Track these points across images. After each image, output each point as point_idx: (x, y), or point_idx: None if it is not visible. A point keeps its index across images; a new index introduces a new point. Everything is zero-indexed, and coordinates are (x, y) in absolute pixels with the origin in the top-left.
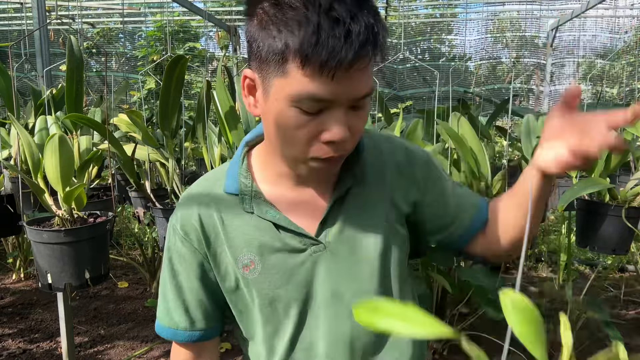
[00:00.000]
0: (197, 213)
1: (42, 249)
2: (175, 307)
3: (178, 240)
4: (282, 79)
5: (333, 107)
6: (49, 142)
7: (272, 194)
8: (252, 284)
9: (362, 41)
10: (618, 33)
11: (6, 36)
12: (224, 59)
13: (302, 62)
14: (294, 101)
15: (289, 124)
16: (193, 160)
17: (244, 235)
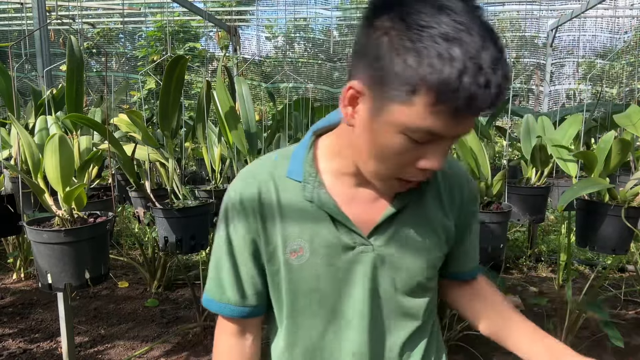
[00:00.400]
0: (257, 190)
1: (42, 249)
2: (229, 282)
3: (235, 213)
4: (403, 106)
5: (441, 140)
6: (49, 142)
7: (334, 188)
8: (295, 270)
9: (497, 93)
10: (618, 33)
11: (6, 36)
12: (224, 59)
13: (435, 101)
14: (409, 131)
15: (392, 149)
16: (193, 160)
17: (299, 221)
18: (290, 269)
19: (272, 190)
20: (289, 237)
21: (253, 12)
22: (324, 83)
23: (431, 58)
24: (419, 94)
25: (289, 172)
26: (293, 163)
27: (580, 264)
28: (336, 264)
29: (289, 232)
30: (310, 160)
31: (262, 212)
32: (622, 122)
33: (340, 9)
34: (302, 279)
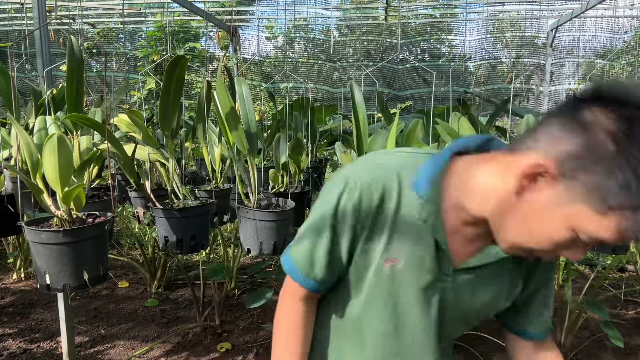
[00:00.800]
0: (381, 188)
1: (41, 250)
2: (320, 263)
3: (350, 204)
4: (595, 214)
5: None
6: (47, 142)
7: (448, 218)
8: (384, 277)
9: None
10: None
11: (6, 36)
12: (224, 59)
13: (627, 227)
14: (584, 234)
15: (552, 238)
16: (193, 160)
17: (406, 236)
18: (380, 273)
19: (395, 197)
20: (392, 246)
21: (253, 12)
22: (324, 83)
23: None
24: (617, 213)
25: (415, 185)
26: (422, 175)
27: (580, 264)
28: (421, 284)
29: (394, 241)
30: (440, 182)
31: (378, 213)
32: None
33: (340, 9)
34: (388, 286)
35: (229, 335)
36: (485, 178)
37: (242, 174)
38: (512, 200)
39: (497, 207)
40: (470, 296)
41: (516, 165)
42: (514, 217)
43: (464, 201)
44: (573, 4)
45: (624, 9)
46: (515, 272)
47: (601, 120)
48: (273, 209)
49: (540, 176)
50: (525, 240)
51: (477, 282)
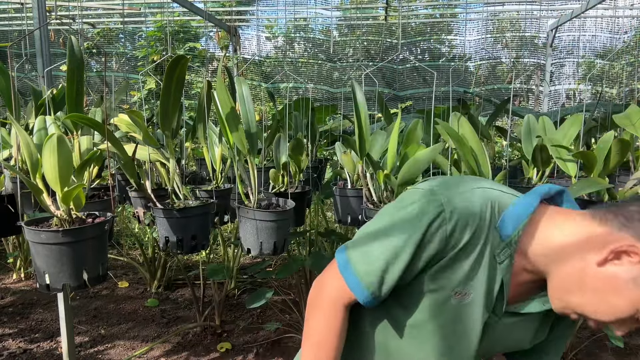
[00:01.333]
0: (475, 226)
1: (40, 250)
2: (390, 284)
3: (438, 235)
4: None
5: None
6: (47, 142)
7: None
8: (449, 306)
9: None
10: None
11: (6, 36)
12: (224, 59)
13: None
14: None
15: (617, 314)
16: (193, 160)
17: (484, 276)
18: (445, 305)
19: (483, 236)
20: (468, 280)
21: (253, 12)
22: (324, 83)
23: None
24: None
25: (504, 226)
26: (508, 217)
27: None
28: (477, 319)
29: (471, 277)
30: (523, 227)
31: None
32: (622, 122)
33: (340, 9)
34: (448, 315)
35: (229, 335)
36: (564, 236)
37: (242, 174)
38: (590, 269)
39: (570, 269)
40: (505, 338)
41: (606, 238)
42: (586, 285)
43: (530, 249)
44: (573, 4)
45: (624, 9)
46: (546, 322)
47: None
48: (273, 208)
49: (627, 255)
50: (588, 309)
51: (515, 326)
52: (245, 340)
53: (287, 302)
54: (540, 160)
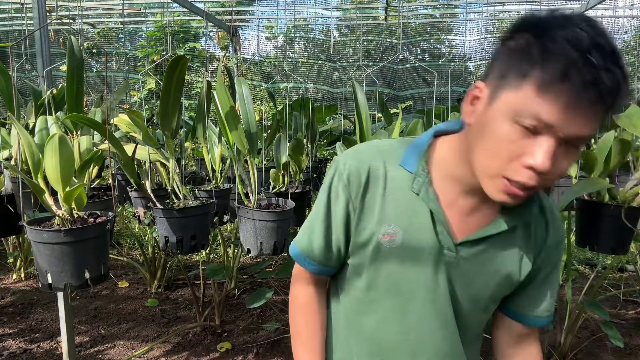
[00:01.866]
0: (366, 170)
1: (42, 249)
2: (319, 242)
3: (340, 186)
4: (514, 92)
5: (548, 134)
6: (49, 142)
7: (440, 188)
8: (384, 252)
9: (606, 91)
10: (618, 33)
11: (6, 36)
12: (224, 59)
13: (541, 85)
14: (516, 115)
15: (500, 136)
16: (193, 160)
17: (400, 209)
18: (379, 249)
19: (381, 175)
20: (386, 219)
21: (253, 12)
22: (324, 83)
23: (545, 50)
24: (529, 79)
25: (403, 161)
26: (408, 154)
27: (580, 264)
28: (422, 259)
29: (388, 215)
30: (426, 156)
31: (366, 190)
32: (622, 122)
33: (340, 9)
34: (388, 262)
35: (229, 335)
36: (457, 137)
37: (242, 174)
38: (468, 134)
39: (464, 152)
40: (478, 272)
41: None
42: (475, 143)
43: (448, 169)
44: (573, 4)
45: (624, 9)
46: (525, 247)
47: (517, 36)
48: (273, 209)
49: (477, 98)
50: (489, 159)
51: (484, 257)
52: (245, 340)
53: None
54: None
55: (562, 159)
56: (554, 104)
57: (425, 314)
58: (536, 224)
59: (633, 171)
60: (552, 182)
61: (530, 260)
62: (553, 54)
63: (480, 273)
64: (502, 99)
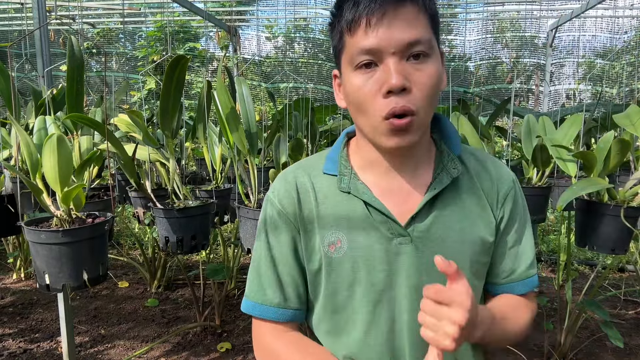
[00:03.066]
0: (294, 188)
1: (40, 250)
2: (269, 283)
3: (275, 213)
4: (343, 53)
5: (385, 58)
6: (47, 142)
7: (367, 180)
8: (335, 263)
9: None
10: (618, 33)
11: (6, 36)
12: (224, 59)
13: (348, 27)
14: (352, 64)
15: (354, 88)
16: (193, 160)
17: (336, 213)
18: (330, 262)
19: (309, 188)
20: (326, 229)
21: (253, 12)
22: (324, 83)
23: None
24: (343, 34)
25: (325, 168)
26: (328, 161)
27: (580, 264)
28: (376, 256)
29: (326, 225)
30: (345, 155)
31: (301, 208)
32: (622, 122)
33: None
34: (343, 271)
35: (229, 335)
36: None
37: (242, 174)
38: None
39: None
40: (443, 247)
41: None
42: (352, 112)
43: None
44: (573, 4)
45: (624, 9)
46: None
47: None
48: None
49: (338, 84)
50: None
51: (440, 229)
52: (245, 340)
53: None
54: (540, 160)
55: (416, 73)
56: (360, 31)
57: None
58: (477, 174)
59: (633, 171)
60: (426, 100)
61: (489, 213)
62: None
63: (446, 247)
64: (342, 63)
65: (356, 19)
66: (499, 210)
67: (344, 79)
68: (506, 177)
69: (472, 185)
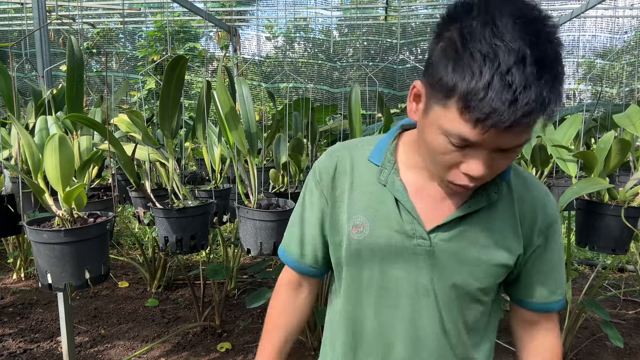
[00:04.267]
0: (335, 164)
1: (42, 249)
2: (294, 236)
3: (313, 181)
4: (442, 109)
5: (479, 148)
6: (49, 142)
7: (407, 178)
8: (354, 244)
9: (527, 111)
10: (618, 33)
11: (6, 36)
12: (224, 59)
13: (462, 108)
14: (445, 132)
15: (435, 148)
16: (193, 160)
17: (367, 200)
18: (351, 242)
19: (348, 169)
20: (354, 212)
21: (253, 12)
22: (324, 83)
23: (466, 69)
24: (452, 99)
25: (371, 156)
26: (376, 149)
27: (580, 264)
28: (392, 249)
29: (355, 207)
30: (392, 149)
31: (334, 185)
32: (622, 122)
33: (341, 9)
34: (361, 254)
35: (229, 335)
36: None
37: (242, 174)
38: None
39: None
40: (460, 261)
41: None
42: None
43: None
44: (573, 4)
45: (624, 9)
46: (507, 223)
47: (444, 35)
48: (273, 209)
49: (418, 97)
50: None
51: (462, 243)
52: (245, 340)
53: None
54: (539, 160)
55: (500, 160)
56: (473, 127)
57: (408, 307)
58: (520, 197)
59: (633, 171)
60: (496, 174)
61: (518, 240)
62: (470, 72)
63: (462, 262)
64: (433, 114)
65: (473, 113)
66: (532, 238)
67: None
68: (551, 210)
69: (509, 209)
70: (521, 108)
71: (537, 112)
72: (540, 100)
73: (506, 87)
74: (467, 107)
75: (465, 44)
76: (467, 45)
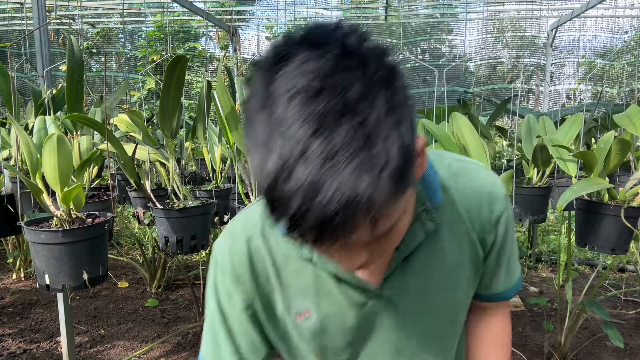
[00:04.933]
0: (246, 251)
1: (40, 250)
2: (229, 354)
3: (228, 281)
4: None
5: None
6: (47, 142)
7: None
8: (306, 332)
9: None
10: (618, 33)
11: (6, 36)
12: (224, 59)
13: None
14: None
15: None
16: (193, 160)
17: (300, 282)
18: (301, 331)
19: (264, 253)
20: (292, 299)
21: (253, 12)
22: None
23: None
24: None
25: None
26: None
27: (580, 264)
28: (349, 323)
29: (291, 294)
30: None
31: (256, 275)
32: (622, 122)
33: (340, 9)
34: (315, 339)
35: None
36: None
37: (242, 173)
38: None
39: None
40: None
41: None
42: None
43: None
44: (573, 4)
45: (624, 9)
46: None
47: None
48: None
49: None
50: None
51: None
52: None
53: None
54: (541, 160)
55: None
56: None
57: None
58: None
59: (633, 171)
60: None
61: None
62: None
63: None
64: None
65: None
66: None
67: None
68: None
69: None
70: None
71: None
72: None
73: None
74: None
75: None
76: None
